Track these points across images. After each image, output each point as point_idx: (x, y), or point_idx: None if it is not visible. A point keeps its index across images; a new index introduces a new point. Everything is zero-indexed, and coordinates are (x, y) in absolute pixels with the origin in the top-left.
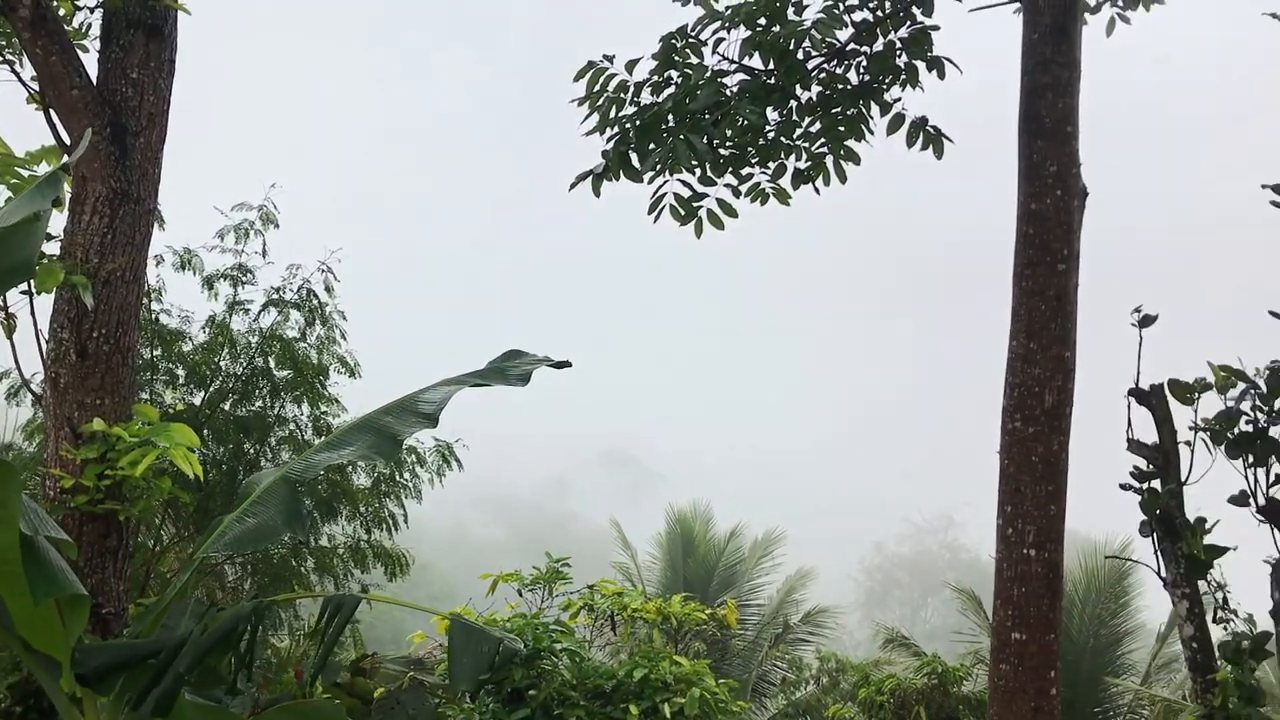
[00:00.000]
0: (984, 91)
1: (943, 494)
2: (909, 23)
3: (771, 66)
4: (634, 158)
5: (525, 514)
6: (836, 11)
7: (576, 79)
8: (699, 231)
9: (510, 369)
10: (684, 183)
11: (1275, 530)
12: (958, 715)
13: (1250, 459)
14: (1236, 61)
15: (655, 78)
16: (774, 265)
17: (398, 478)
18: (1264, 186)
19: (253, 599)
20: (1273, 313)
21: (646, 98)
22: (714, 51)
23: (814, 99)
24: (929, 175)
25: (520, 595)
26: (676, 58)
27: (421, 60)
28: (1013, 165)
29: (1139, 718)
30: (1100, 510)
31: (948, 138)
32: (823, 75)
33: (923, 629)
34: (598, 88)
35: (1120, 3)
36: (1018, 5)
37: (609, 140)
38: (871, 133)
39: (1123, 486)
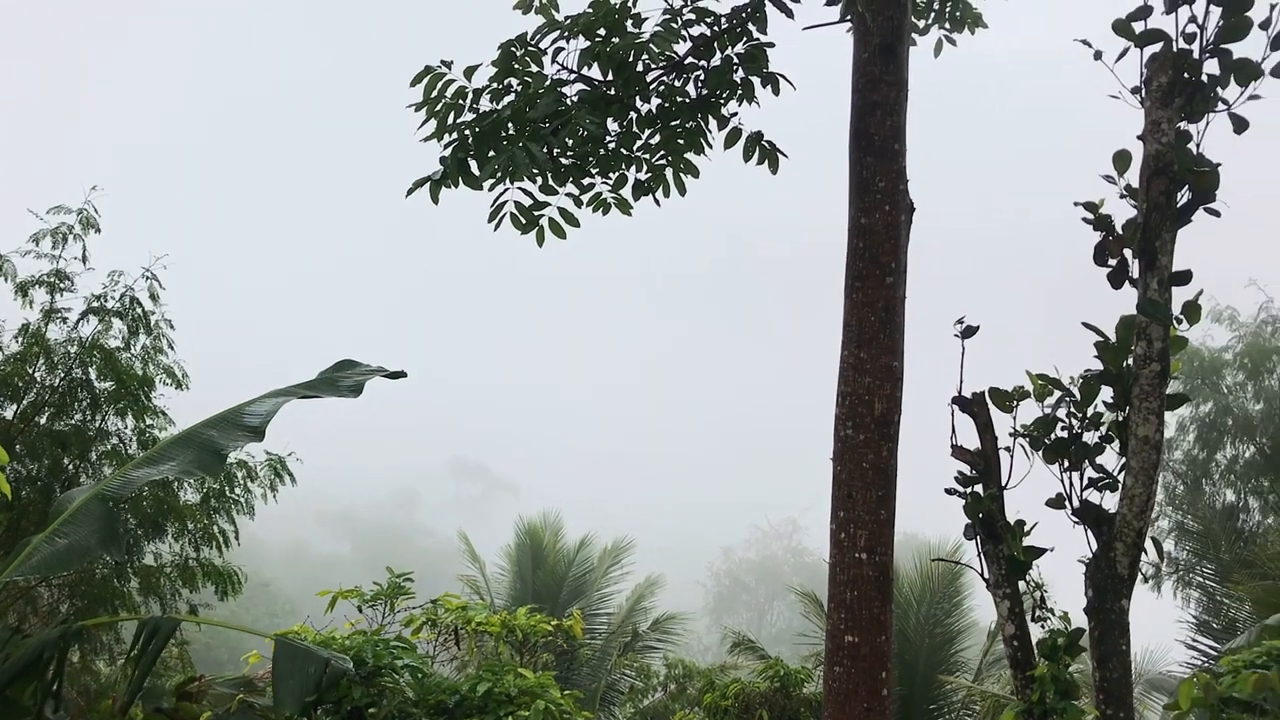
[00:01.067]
0: (824, 108)
1: (788, 499)
2: (745, 39)
3: (610, 77)
4: (473, 165)
5: (371, 528)
6: (674, 26)
7: (413, 84)
8: (540, 240)
9: (342, 380)
10: (525, 191)
11: (1089, 531)
12: (799, 717)
13: (1066, 463)
14: (1053, 79)
15: (495, 85)
16: (625, 274)
17: (228, 493)
18: (1076, 204)
19: (61, 624)
20: (1085, 324)
21: (486, 105)
22: (554, 61)
23: (653, 111)
24: (772, 189)
25: (360, 612)
26: (516, 65)
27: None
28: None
29: (971, 713)
30: (936, 513)
31: (782, 153)
32: (661, 88)
33: (769, 632)
34: (435, 93)
35: (947, 25)
36: (850, 25)
37: (446, 147)
38: (710, 145)
39: (948, 491)
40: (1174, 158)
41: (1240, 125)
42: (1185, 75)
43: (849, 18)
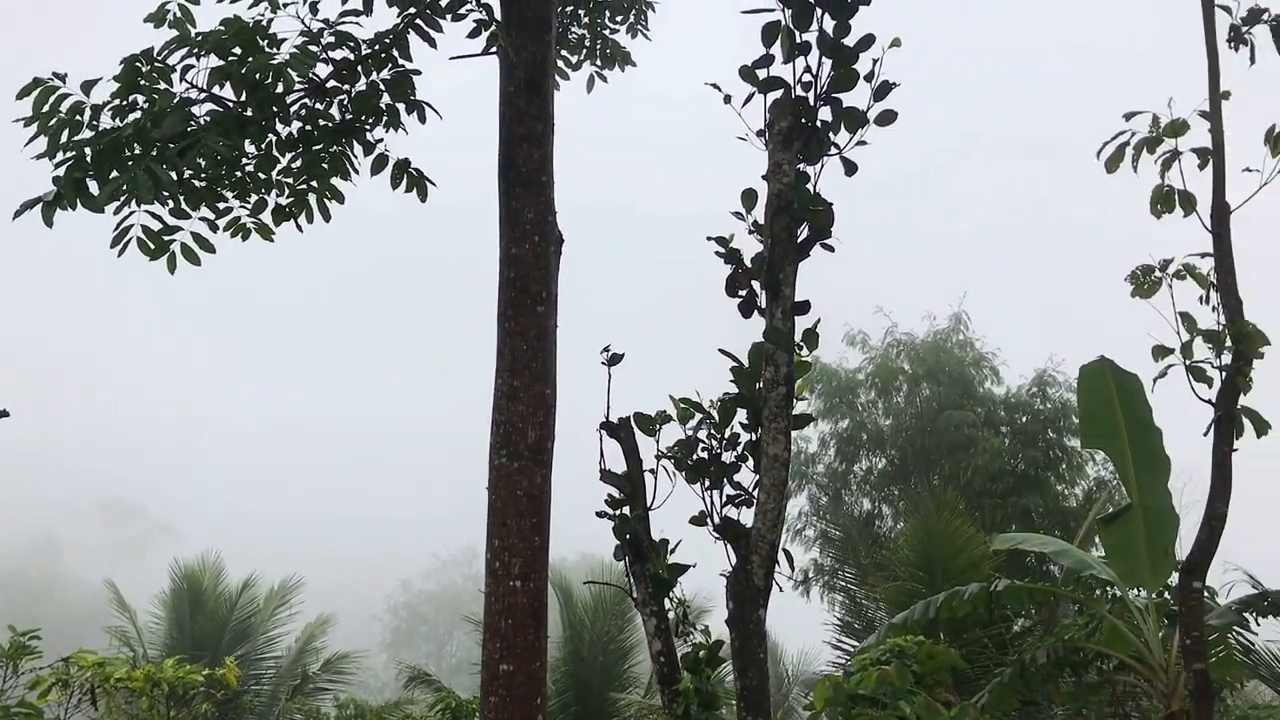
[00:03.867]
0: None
1: (467, 528)
2: (391, 65)
3: (245, 98)
4: (93, 185)
5: (6, 581)
6: (313, 49)
7: (20, 96)
8: (172, 266)
9: None
10: (153, 214)
11: (729, 546)
12: None
13: (707, 482)
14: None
15: (118, 101)
16: (281, 292)
17: None
18: (709, 239)
19: None
20: (722, 350)
21: (108, 122)
22: (183, 79)
23: (295, 134)
24: (444, 214)
25: None
26: (143, 81)
27: None
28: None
29: None
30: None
31: (431, 181)
32: (303, 111)
33: (449, 663)
34: (47, 108)
35: (599, 63)
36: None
37: (59, 165)
38: (356, 171)
39: (599, 514)
40: (794, 197)
41: (850, 168)
42: (803, 120)
43: (494, 50)
